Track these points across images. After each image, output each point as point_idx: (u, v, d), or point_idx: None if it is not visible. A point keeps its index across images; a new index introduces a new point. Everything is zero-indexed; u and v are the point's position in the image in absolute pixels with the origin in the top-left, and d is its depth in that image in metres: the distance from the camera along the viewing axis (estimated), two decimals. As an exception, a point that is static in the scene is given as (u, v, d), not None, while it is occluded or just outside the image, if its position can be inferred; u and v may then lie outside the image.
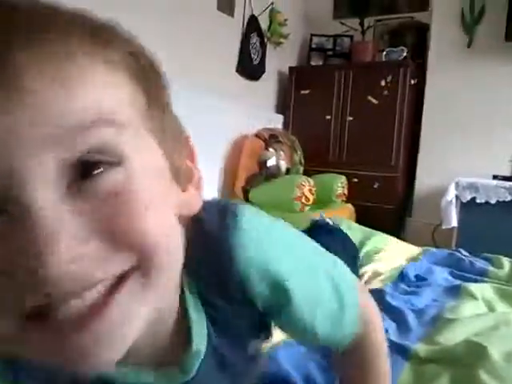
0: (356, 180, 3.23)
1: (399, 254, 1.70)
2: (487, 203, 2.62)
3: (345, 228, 1.69)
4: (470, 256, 1.67)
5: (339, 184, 2.97)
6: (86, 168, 0.28)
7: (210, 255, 0.42)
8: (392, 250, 1.72)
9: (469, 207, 2.66)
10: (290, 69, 3.58)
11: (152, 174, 0.32)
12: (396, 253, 1.71)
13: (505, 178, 2.75)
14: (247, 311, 0.46)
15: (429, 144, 3.26)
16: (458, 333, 0.94)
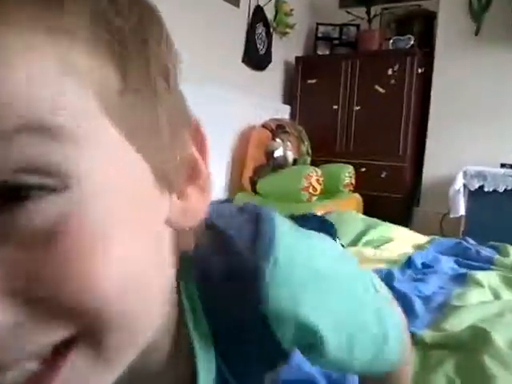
0: (363, 170, 3.23)
1: (406, 243, 1.71)
2: (495, 191, 2.61)
3: (348, 218, 1.70)
4: (477, 245, 1.68)
5: (346, 174, 2.97)
6: (10, 196, 0.19)
7: (235, 285, 0.33)
8: (399, 239, 1.74)
9: (477, 196, 2.66)
10: (297, 58, 3.57)
11: (119, 195, 0.22)
12: (403, 241, 1.72)
13: (513, 166, 2.74)
14: (266, 346, 0.37)
15: (436, 133, 3.25)
16: (464, 319, 0.95)
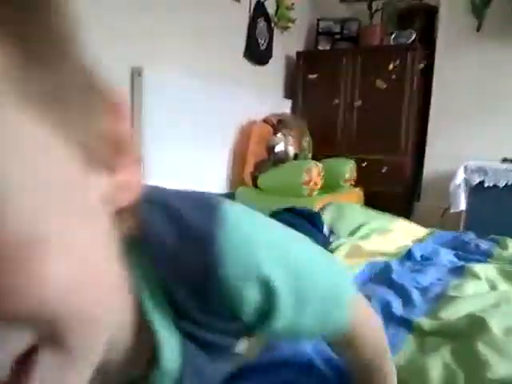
0: (364, 164, 3.24)
1: (405, 235, 1.72)
2: (496, 186, 2.62)
3: (348, 211, 1.71)
4: (476, 238, 1.69)
5: (347, 168, 2.99)
6: None
7: (189, 253, 0.35)
8: (398, 231, 1.75)
9: (477, 191, 2.66)
10: (298, 53, 3.57)
11: (48, 191, 0.21)
12: (402, 233, 1.73)
13: (513, 161, 2.74)
14: (229, 325, 0.40)
15: (437, 127, 3.25)
16: (461, 309, 0.97)
